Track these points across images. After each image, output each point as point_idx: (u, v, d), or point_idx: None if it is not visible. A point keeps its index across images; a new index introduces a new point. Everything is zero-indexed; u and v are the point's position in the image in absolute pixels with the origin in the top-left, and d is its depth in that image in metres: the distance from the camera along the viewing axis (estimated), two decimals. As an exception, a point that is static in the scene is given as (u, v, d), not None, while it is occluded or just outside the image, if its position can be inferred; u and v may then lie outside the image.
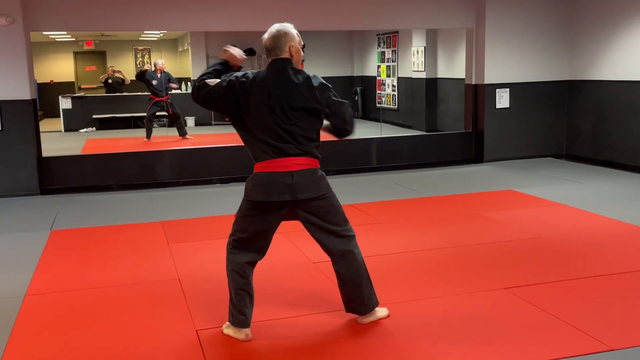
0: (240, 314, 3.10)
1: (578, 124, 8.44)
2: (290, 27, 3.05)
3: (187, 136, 10.53)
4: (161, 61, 10.80)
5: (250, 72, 3.02)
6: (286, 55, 3.01)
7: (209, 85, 3.00)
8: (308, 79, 2.99)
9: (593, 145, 8.18)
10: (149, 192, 7.07)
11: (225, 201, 6.47)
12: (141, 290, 3.87)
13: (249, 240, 3.11)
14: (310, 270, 4.14)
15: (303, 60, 3.11)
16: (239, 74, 3.03)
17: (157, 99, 10.42)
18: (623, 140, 7.68)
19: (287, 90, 2.92)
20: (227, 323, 3.18)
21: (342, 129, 3.12)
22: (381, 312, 3.29)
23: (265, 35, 3.03)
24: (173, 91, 11.26)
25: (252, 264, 3.17)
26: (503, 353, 2.91)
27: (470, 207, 5.87)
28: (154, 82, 10.35)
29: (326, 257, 4.34)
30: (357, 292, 3.19)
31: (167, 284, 3.97)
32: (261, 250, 3.17)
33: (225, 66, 3.18)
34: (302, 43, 3.14)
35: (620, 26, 7.64)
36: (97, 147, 10.26)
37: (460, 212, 5.70)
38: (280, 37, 3.00)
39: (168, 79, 10.67)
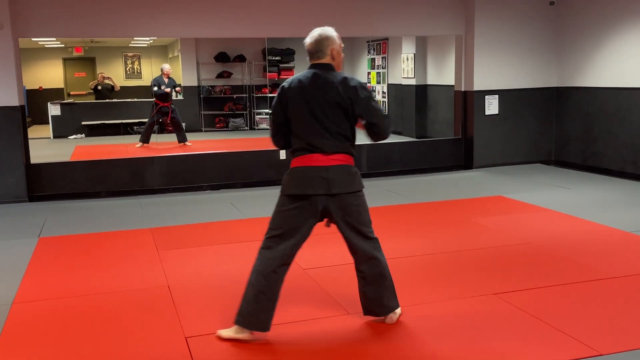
0: (250, 316, 3.09)
1: (566, 131, 8.51)
2: (331, 31, 3.18)
3: (186, 143, 10.48)
4: (167, 66, 10.77)
5: (296, 77, 3.15)
6: (328, 58, 3.14)
7: (272, 135, 3.24)
8: (345, 78, 3.10)
9: (581, 151, 8.25)
10: (139, 199, 7.04)
11: (215, 208, 6.46)
12: (130, 298, 3.85)
13: (282, 237, 3.12)
14: (301, 277, 4.14)
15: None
16: (286, 83, 3.17)
17: (162, 104, 10.39)
18: (610, 146, 7.75)
19: (324, 88, 3.05)
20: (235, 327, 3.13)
21: (374, 127, 3.13)
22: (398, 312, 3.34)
23: (307, 40, 3.15)
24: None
25: (283, 265, 3.14)
26: (492, 358, 2.92)
27: (460, 213, 5.89)
28: (163, 87, 10.33)
29: (317, 264, 4.36)
30: (377, 294, 3.23)
31: (157, 291, 3.95)
32: (292, 250, 3.15)
33: None
34: (343, 45, 3.26)
35: (606, 34, 7.72)
36: (86, 154, 10.21)
37: (450, 218, 5.72)
38: (322, 41, 3.13)
39: (173, 84, 10.67)
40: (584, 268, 4.18)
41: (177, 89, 10.88)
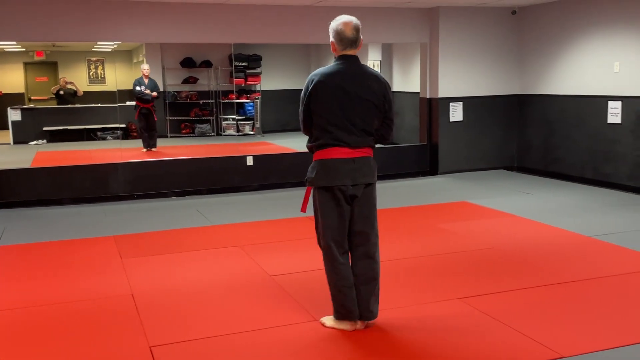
0: (342, 308, 3.21)
1: (528, 137, 8.68)
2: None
3: (153, 149, 10.32)
4: (146, 66, 10.60)
5: (327, 69, 3.18)
6: (358, 49, 3.19)
7: (302, 123, 3.27)
8: (377, 75, 3.22)
9: (542, 157, 8.43)
10: (102, 206, 6.92)
11: (180, 215, 6.39)
12: (93, 307, 3.77)
13: (332, 227, 3.19)
14: (268, 284, 4.12)
15: None
16: (318, 73, 3.18)
17: (142, 106, 10.23)
18: (570, 152, 7.94)
19: (359, 83, 3.12)
20: (331, 317, 3.30)
21: (388, 129, 3.30)
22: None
23: (344, 26, 3.12)
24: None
25: (346, 252, 3.25)
26: (457, 363, 2.95)
27: (426, 219, 5.95)
28: (143, 88, 10.17)
29: (283, 270, 4.35)
30: (367, 297, 3.27)
31: (120, 300, 3.89)
32: (344, 236, 3.24)
33: None
34: None
35: (566, 43, 7.92)
36: (48, 160, 9.98)
37: (415, 223, 5.78)
38: (359, 31, 3.16)
39: (154, 85, 10.50)
40: (546, 272, 4.26)
41: (154, 93, 10.67)
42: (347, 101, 3.12)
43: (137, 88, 10.25)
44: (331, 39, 3.20)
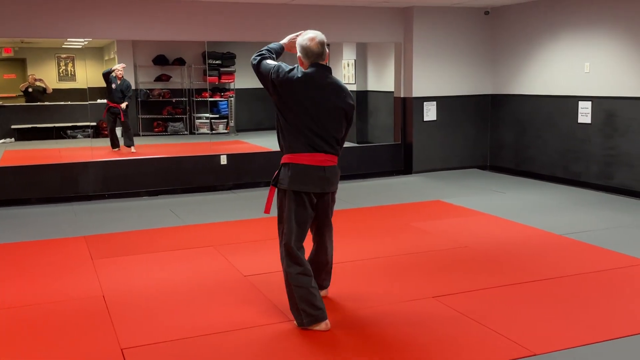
0: (316, 309, 3.25)
1: (501, 137, 8.78)
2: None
3: (131, 149, 10.15)
4: (119, 66, 10.38)
5: (297, 69, 3.24)
6: (326, 61, 3.31)
7: (267, 62, 3.27)
8: (343, 85, 3.35)
9: (515, 156, 8.53)
10: (72, 206, 6.79)
11: (152, 215, 6.31)
12: (63, 309, 3.70)
13: (299, 231, 3.29)
14: (242, 284, 4.09)
15: None
16: (287, 67, 3.25)
17: (111, 105, 10.06)
18: (541, 152, 8.05)
19: (333, 92, 3.24)
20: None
21: (344, 138, 3.42)
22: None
23: (309, 41, 3.25)
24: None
25: (303, 249, 3.36)
26: (432, 361, 2.96)
27: (400, 218, 5.97)
28: (113, 86, 10.00)
29: (257, 270, 4.32)
30: (322, 277, 3.60)
31: (91, 301, 3.81)
32: (305, 237, 3.36)
33: (279, 52, 3.44)
34: None
35: (538, 44, 8.03)
36: (16, 159, 9.77)
37: (389, 222, 5.79)
38: (324, 45, 3.29)
39: (127, 87, 10.28)
40: (519, 270, 4.31)
41: (124, 104, 10.34)
42: (323, 108, 3.21)
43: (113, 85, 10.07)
44: (298, 53, 3.30)
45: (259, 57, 3.36)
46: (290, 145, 3.24)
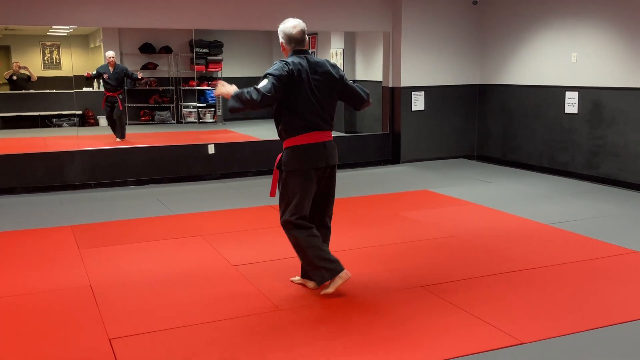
0: (332, 263, 3.49)
1: (488, 126, 8.81)
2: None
3: (117, 139, 10.06)
4: (110, 53, 10.28)
5: (294, 59, 3.43)
6: (307, 45, 3.56)
7: (268, 91, 3.31)
8: (328, 60, 3.59)
9: (502, 146, 8.57)
10: (58, 195, 6.73)
11: (140, 204, 6.27)
12: (50, 299, 3.67)
13: (303, 204, 3.48)
14: (230, 273, 4.08)
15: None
16: (289, 60, 3.42)
17: (108, 94, 9.98)
18: (529, 141, 8.09)
19: (321, 72, 3.46)
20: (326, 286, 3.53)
21: (361, 100, 3.71)
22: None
23: (292, 29, 3.48)
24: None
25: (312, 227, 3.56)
26: (420, 350, 2.97)
27: (388, 207, 5.98)
28: (105, 76, 9.91)
29: (246, 260, 4.31)
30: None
31: (78, 291, 3.79)
32: (308, 211, 3.56)
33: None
34: None
35: (526, 34, 8.05)
36: (1, 148, 9.65)
37: (378, 212, 5.80)
38: (305, 31, 3.54)
39: (124, 72, 10.20)
40: (506, 259, 4.34)
41: (139, 74, 10.31)
42: (317, 89, 3.43)
43: (106, 76, 10.02)
44: (281, 40, 3.53)
45: (256, 92, 3.32)
46: (293, 129, 3.45)
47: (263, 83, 3.34)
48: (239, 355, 2.94)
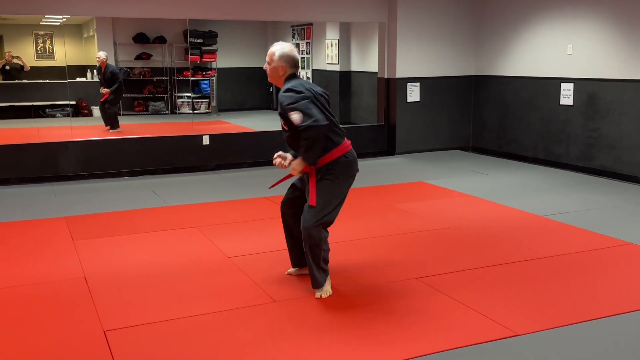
0: (327, 265, 3.58)
1: (483, 118, 8.81)
2: None
3: (109, 129, 10.00)
4: (101, 54, 10.16)
5: (295, 83, 3.46)
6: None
7: (318, 114, 3.36)
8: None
9: (497, 138, 8.57)
10: (52, 186, 6.69)
11: (134, 195, 6.24)
12: (44, 290, 3.65)
13: (337, 210, 3.59)
14: (225, 265, 4.07)
15: None
16: (304, 87, 3.43)
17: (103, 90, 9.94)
18: (524, 133, 8.10)
19: (322, 92, 3.55)
20: (322, 288, 3.53)
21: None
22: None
23: (292, 52, 3.56)
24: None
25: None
26: (414, 341, 2.98)
27: (383, 199, 5.98)
28: (99, 77, 9.85)
29: (241, 252, 4.30)
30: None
31: (72, 283, 3.77)
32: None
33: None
34: None
35: (522, 25, 8.03)
36: (-6, 138, 9.60)
37: (373, 203, 5.80)
38: None
39: (111, 73, 9.99)
40: (501, 251, 4.34)
41: (106, 90, 9.95)
42: (327, 106, 3.51)
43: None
44: (282, 63, 3.49)
45: (315, 127, 3.34)
46: (331, 141, 3.48)
47: (304, 114, 3.32)
48: (234, 347, 2.94)
